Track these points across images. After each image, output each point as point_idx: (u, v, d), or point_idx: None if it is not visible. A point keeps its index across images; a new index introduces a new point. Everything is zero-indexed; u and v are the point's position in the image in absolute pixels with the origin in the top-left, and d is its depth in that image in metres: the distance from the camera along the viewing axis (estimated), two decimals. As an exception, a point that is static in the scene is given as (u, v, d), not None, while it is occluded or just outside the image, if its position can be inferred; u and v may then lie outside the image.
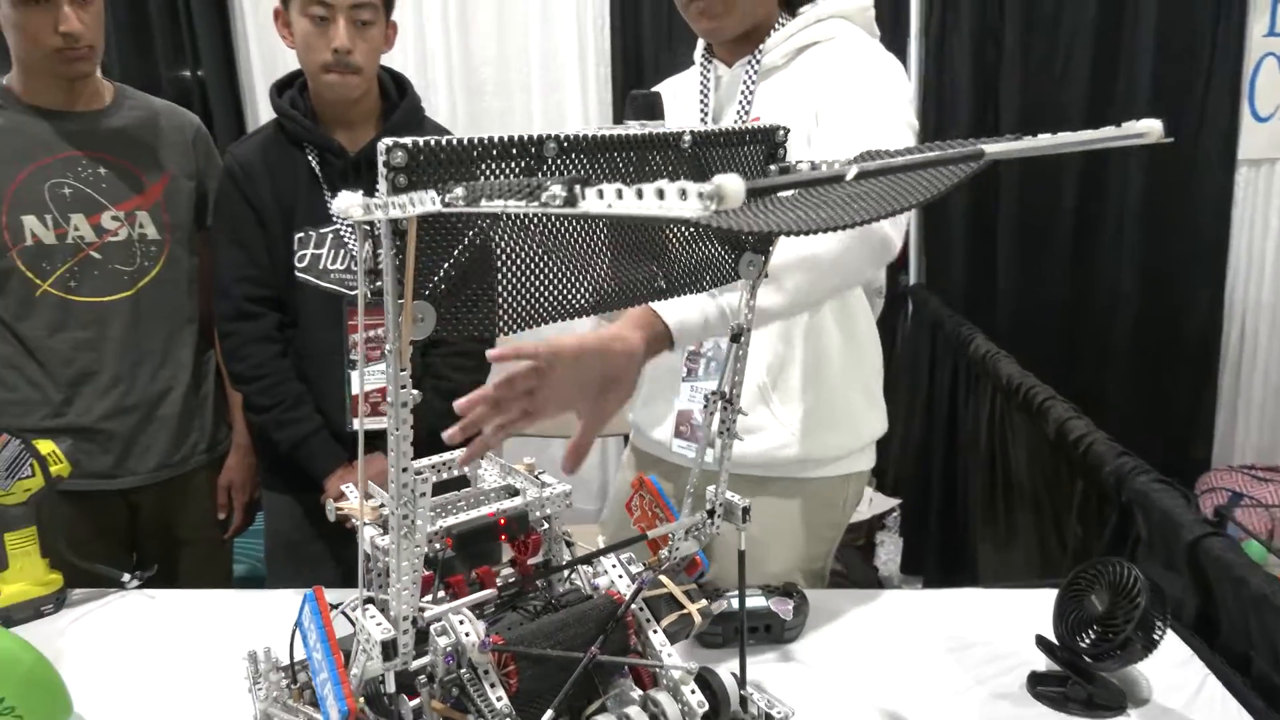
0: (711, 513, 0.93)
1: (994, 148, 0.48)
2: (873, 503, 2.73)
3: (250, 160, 1.54)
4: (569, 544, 1.05)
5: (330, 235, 1.53)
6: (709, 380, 1.34)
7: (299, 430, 1.56)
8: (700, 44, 1.39)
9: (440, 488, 1.06)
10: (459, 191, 0.47)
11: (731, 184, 0.35)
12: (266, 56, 2.79)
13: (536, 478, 1.06)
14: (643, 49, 2.86)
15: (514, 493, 1.04)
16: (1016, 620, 1.20)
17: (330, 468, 1.54)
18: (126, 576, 1.37)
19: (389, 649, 0.71)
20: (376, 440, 1.06)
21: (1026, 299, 2.82)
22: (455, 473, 1.10)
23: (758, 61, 1.29)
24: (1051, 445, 1.67)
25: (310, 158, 1.54)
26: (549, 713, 0.78)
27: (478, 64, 2.88)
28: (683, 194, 0.35)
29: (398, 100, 1.61)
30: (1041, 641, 1.08)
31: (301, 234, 1.54)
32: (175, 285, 1.62)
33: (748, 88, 1.30)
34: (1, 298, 1.51)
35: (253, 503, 1.78)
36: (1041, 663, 1.09)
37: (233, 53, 2.84)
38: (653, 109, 1.39)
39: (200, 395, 1.68)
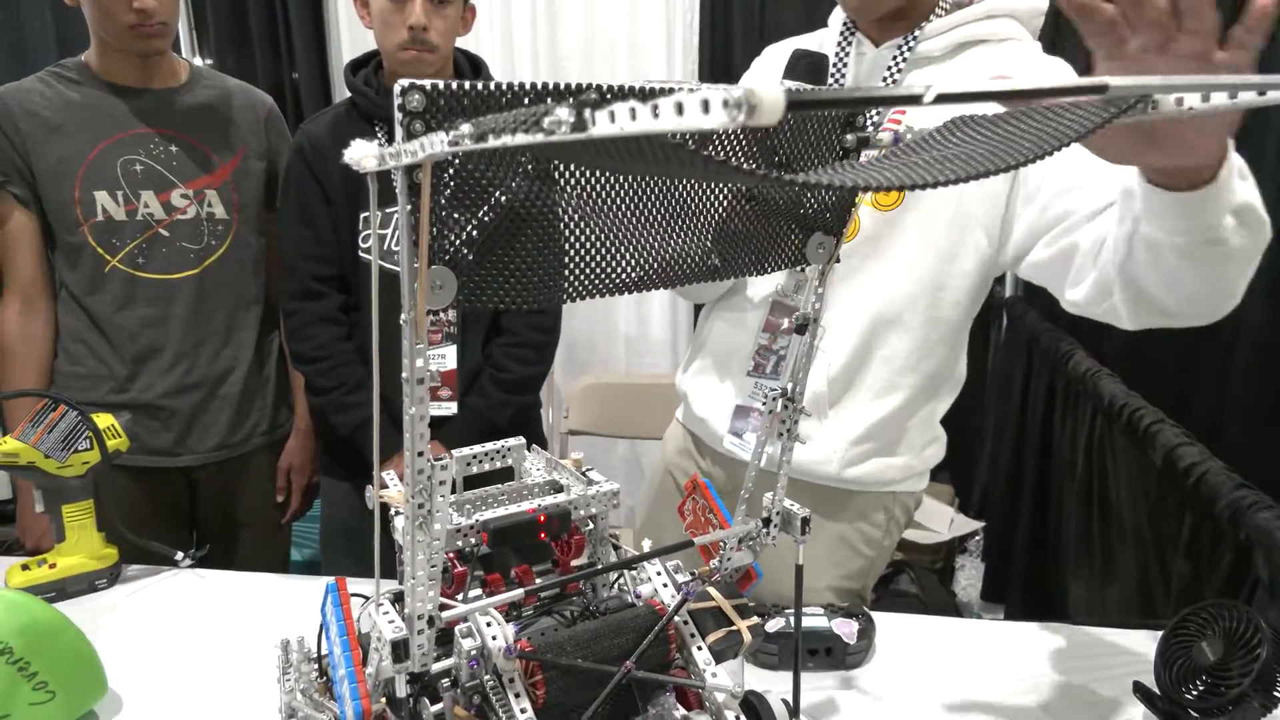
0: (768, 521, 0.85)
1: (1120, 81, 0.38)
2: (954, 524, 2.58)
3: (320, 137, 1.53)
4: (615, 547, 0.98)
5: (397, 216, 1.50)
6: (774, 381, 1.26)
7: (359, 415, 1.54)
8: (840, 10, 1.24)
9: (484, 480, 1.01)
10: (465, 129, 0.41)
11: (768, 92, 0.27)
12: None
13: (584, 474, 0.99)
14: (732, 46, 2.79)
15: (559, 489, 0.98)
16: (1112, 663, 1.08)
17: (388, 454, 1.51)
18: (180, 555, 1.36)
19: (399, 650, 0.65)
20: (435, 427, 1.02)
21: (1139, 332, 2.60)
22: (499, 464, 1.05)
23: (911, 47, 1.16)
24: (1158, 474, 1.52)
25: (380, 136, 1.51)
26: (574, 730, 0.70)
27: (562, 57, 2.85)
28: (705, 106, 0.28)
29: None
30: (1140, 689, 0.96)
31: (368, 214, 1.52)
32: (241, 265, 1.62)
33: (894, 73, 1.17)
34: (73, 272, 1.54)
35: (311, 487, 1.77)
36: (1139, 714, 0.97)
37: (326, 55, 2.92)
38: (818, 72, 1.29)
39: (262, 376, 1.68)
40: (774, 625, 1.10)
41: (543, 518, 0.91)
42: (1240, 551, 1.22)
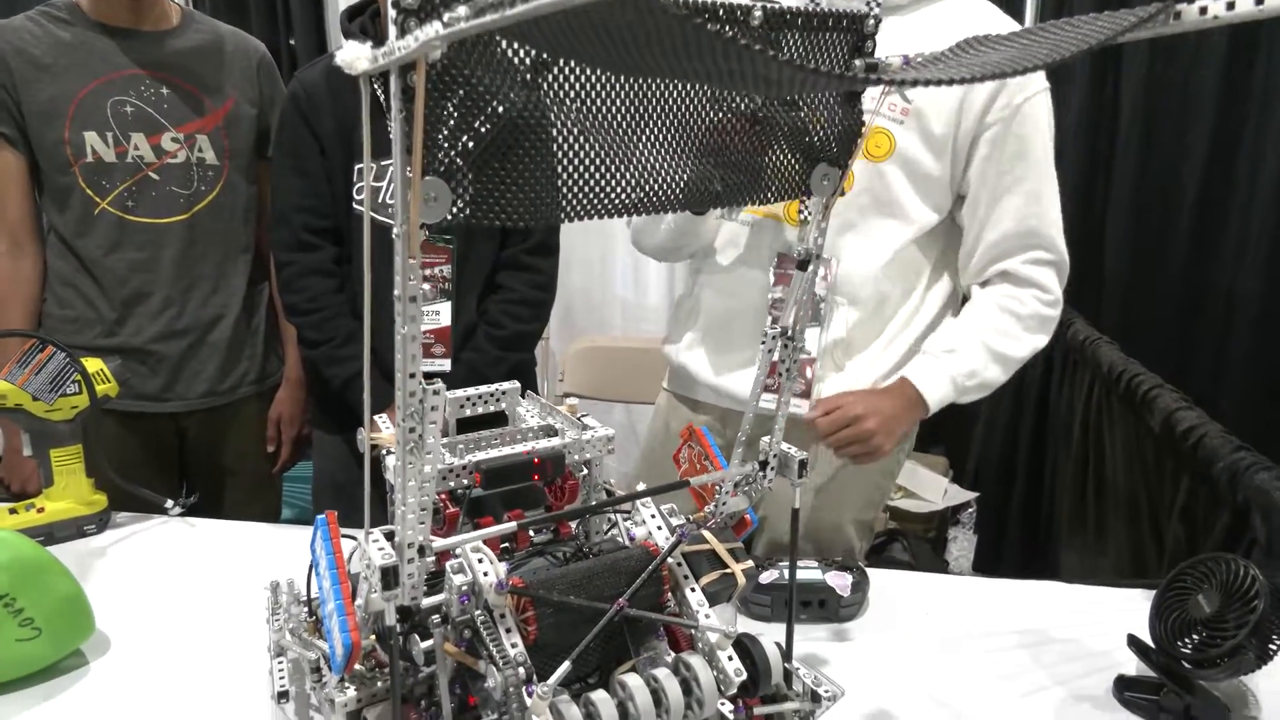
0: (764, 464, 0.84)
1: None
2: (948, 494, 2.58)
3: (315, 86, 1.50)
4: (610, 494, 0.97)
5: (392, 167, 1.48)
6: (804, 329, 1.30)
7: (350, 368, 1.52)
8: None
9: (477, 425, 1.00)
10: (462, 10, 0.39)
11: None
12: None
13: (579, 420, 0.98)
14: None
15: (553, 434, 0.97)
16: (1105, 619, 1.08)
17: (379, 407, 1.50)
18: (169, 503, 1.35)
19: (389, 576, 0.64)
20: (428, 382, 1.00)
21: (1137, 290, 2.59)
22: (492, 408, 1.04)
23: None
24: (1156, 439, 1.52)
25: (376, 85, 1.48)
26: (565, 664, 0.69)
27: None
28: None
29: None
30: (1134, 642, 0.96)
31: (362, 165, 1.49)
32: (231, 212, 1.60)
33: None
34: (62, 214, 1.51)
35: (301, 438, 1.76)
36: (1132, 666, 0.97)
37: (324, 23, 2.88)
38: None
39: (251, 325, 1.67)
40: (767, 577, 1.09)
41: (537, 460, 0.90)
42: (1237, 514, 1.22)
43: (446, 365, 1.56)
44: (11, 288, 1.53)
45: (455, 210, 0.55)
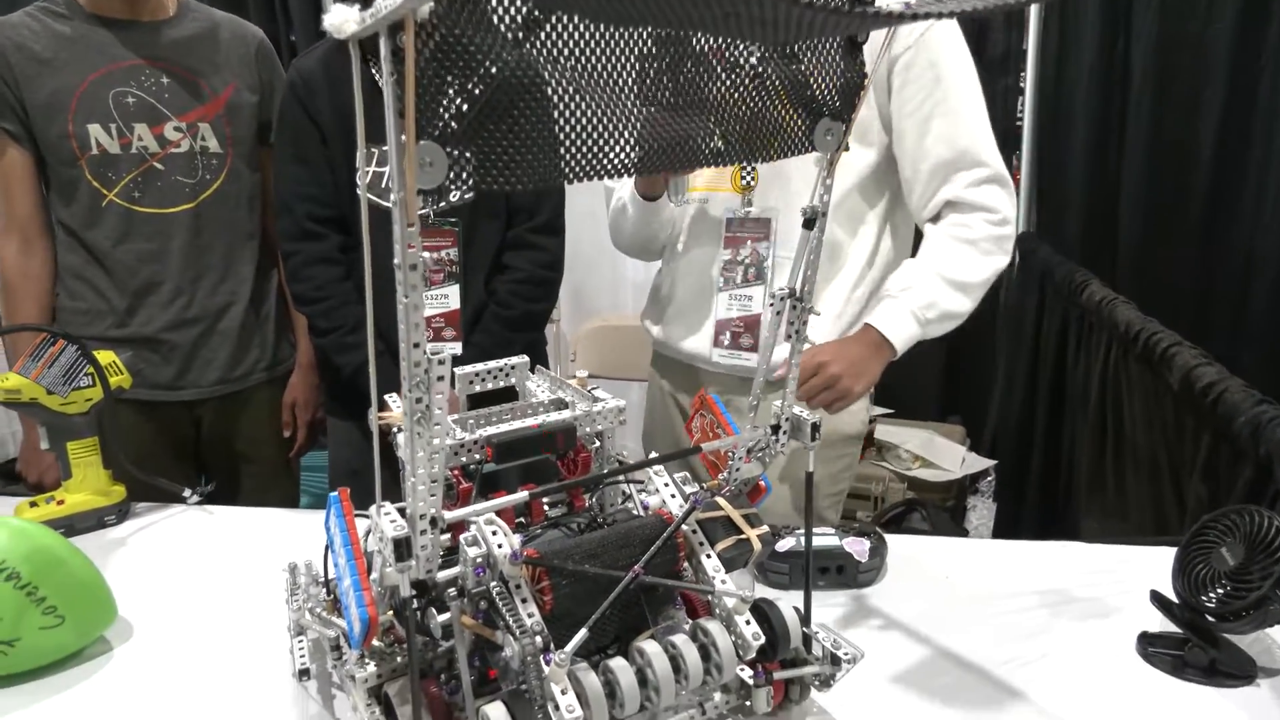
0: (776, 429, 0.83)
1: None
2: (965, 462, 2.57)
3: (312, 73, 1.49)
4: (622, 463, 0.97)
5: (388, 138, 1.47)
6: (748, 288, 1.36)
7: (361, 355, 1.52)
8: None
9: (488, 401, 0.99)
10: (446, -40, 0.38)
11: None
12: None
13: (589, 392, 0.98)
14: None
15: (564, 407, 0.96)
16: (1127, 577, 1.07)
17: (389, 390, 1.50)
18: (187, 492, 1.36)
19: (401, 548, 0.64)
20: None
21: (1153, 250, 2.55)
22: (502, 383, 1.03)
23: None
24: (1175, 397, 1.50)
25: (374, 70, 1.48)
26: (582, 631, 0.69)
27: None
28: None
29: None
30: (1157, 598, 0.95)
31: (366, 151, 1.48)
32: (236, 200, 1.60)
33: None
34: (69, 207, 1.52)
35: (316, 423, 1.76)
36: (1155, 623, 0.96)
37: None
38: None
39: (261, 313, 1.67)
40: (784, 545, 1.09)
41: (547, 432, 0.90)
42: (1260, 468, 1.20)
43: (458, 348, 1.56)
44: (23, 283, 1.54)
45: (452, 175, 0.55)
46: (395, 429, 0.92)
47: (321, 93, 1.48)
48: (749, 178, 1.35)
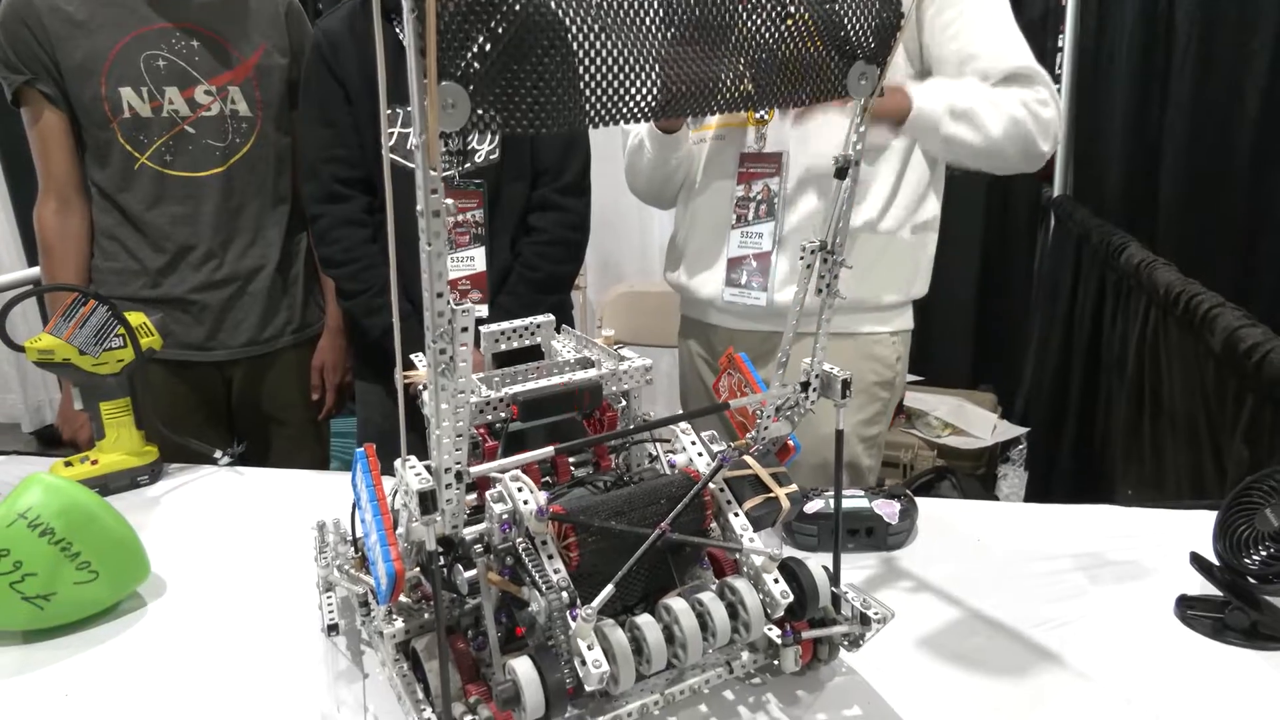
0: (806, 385, 0.81)
1: None
2: (996, 430, 2.54)
3: (337, 34, 1.48)
4: (649, 422, 0.96)
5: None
6: (760, 224, 1.35)
7: (388, 317, 1.51)
8: None
9: (514, 359, 0.99)
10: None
11: None
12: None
13: (616, 351, 0.97)
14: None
15: (590, 366, 0.95)
16: (1165, 540, 1.04)
17: (414, 348, 1.50)
18: (218, 453, 1.37)
19: (427, 501, 0.63)
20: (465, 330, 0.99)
21: (1195, 211, 2.47)
22: (527, 342, 1.03)
23: None
24: (1217, 359, 1.46)
25: (399, 30, 1.46)
26: (609, 586, 0.69)
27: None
28: None
29: None
30: (1197, 560, 0.93)
31: (389, 111, 1.47)
32: (266, 163, 1.61)
33: None
34: (103, 170, 1.53)
35: (344, 387, 1.78)
36: (1194, 586, 0.94)
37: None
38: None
39: (290, 275, 1.68)
40: (812, 506, 1.07)
41: (574, 391, 0.89)
42: (1305, 430, 1.17)
43: (484, 311, 1.55)
44: (62, 243, 1.56)
45: (475, 118, 0.53)
46: (421, 387, 0.91)
47: (347, 52, 1.47)
48: (763, 111, 1.34)
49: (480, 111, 0.53)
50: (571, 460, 0.91)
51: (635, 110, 0.57)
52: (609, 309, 2.42)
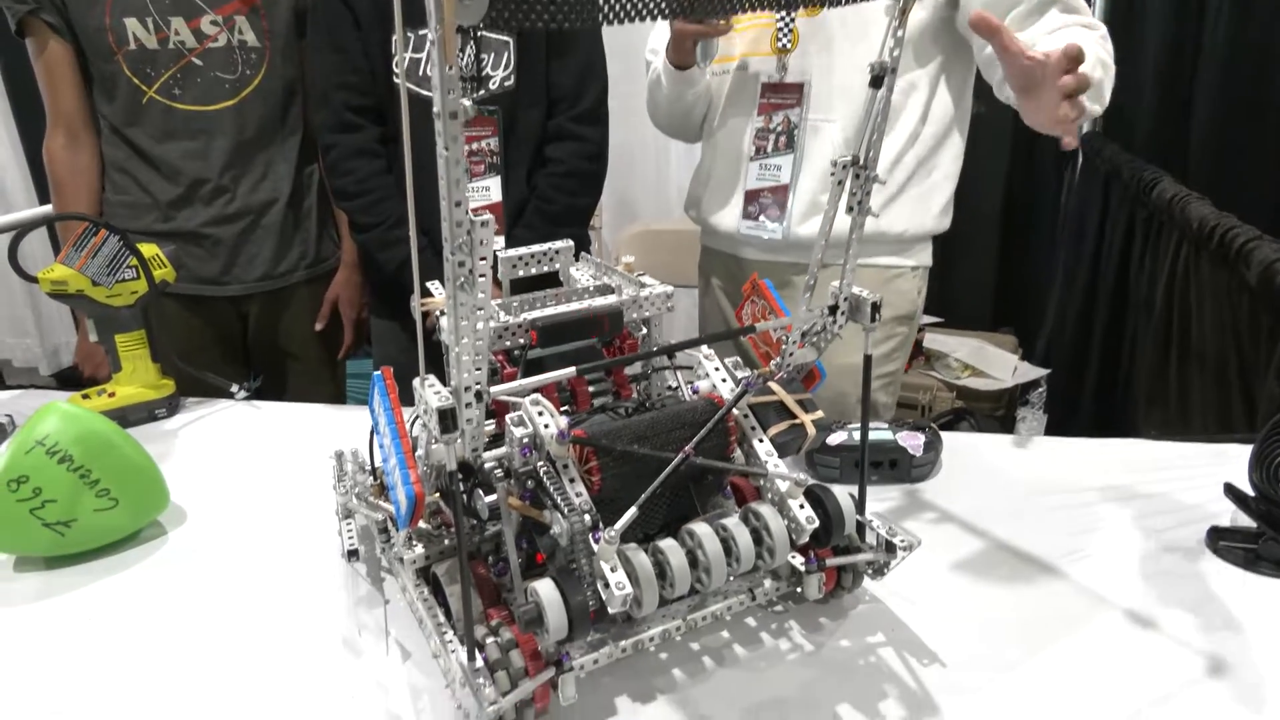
0: (834, 309, 0.79)
1: None
2: (1017, 371, 2.51)
3: (346, -46, 1.43)
4: (671, 355, 0.94)
5: (428, 35, 1.42)
6: (779, 156, 1.33)
7: (403, 251, 1.49)
8: None
9: (531, 287, 0.97)
10: None
11: None
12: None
13: (636, 278, 0.94)
14: None
15: (610, 292, 0.93)
16: (1195, 473, 1.02)
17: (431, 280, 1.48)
18: (235, 387, 1.37)
19: (447, 418, 0.62)
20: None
21: (1230, 147, 2.39)
22: (546, 268, 1.00)
23: None
24: (1252, 293, 1.42)
25: None
26: (632, 509, 0.67)
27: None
28: None
29: None
30: (1231, 490, 0.91)
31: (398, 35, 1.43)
32: (277, 96, 1.58)
33: None
34: (111, 104, 1.51)
35: (362, 322, 1.76)
36: (1226, 516, 0.92)
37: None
38: None
39: (303, 209, 1.66)
40: (835, 438, 1.06)
41: (594, 316, 0.87)
42: (1342, 365, 1.14)
43: (500, 243, 1.53)
44: (72, 177, 1.54)
45: (493, 14, 0.50)
46: (438, 314, 0.90)
47: (355, -26, 1.42)
48: (786, 40, 1.30)
49: (497, 6, 0.50)
50: (591, 389, 0.90)
51: (655, 7, 0.54)
52: (625, 248, 2.39)
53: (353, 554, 0.89)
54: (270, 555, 0.96)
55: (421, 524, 0.85)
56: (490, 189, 1.52)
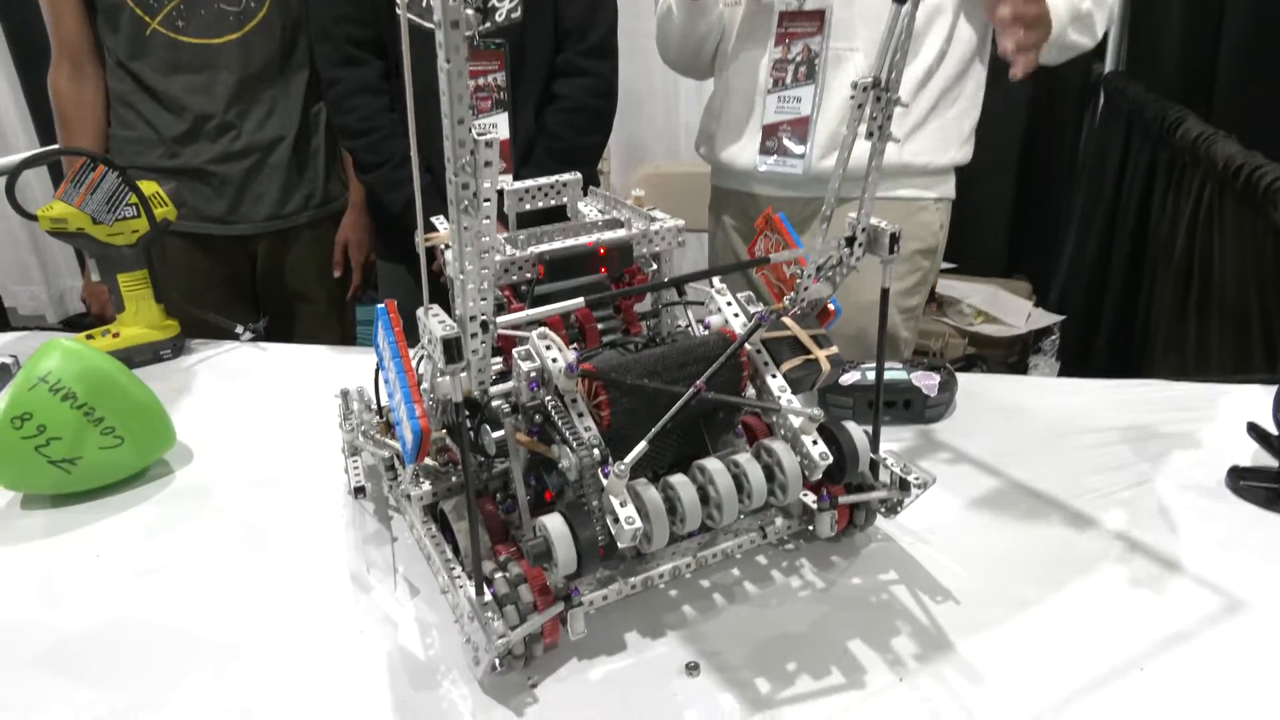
0: (851, 240, 0.76)
1: None
2: (1031, 317, 2.47)
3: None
4: (680, 291, 0.92)
5: None
6: (799, 88, 1.27)
7: (409, 190, 1.47)
8: None
9: (537, 221, 0.94)
10: None
11: None
12: None
13: (646, 212, 0.92)
14: None
15: (619, 226, 0.91)
16: (1214, 414, 1.01)
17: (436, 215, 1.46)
18: (240, 328, 1.36)
19: (452, 349, 0.60)
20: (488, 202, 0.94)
21: (1259, 82, 2.31)
22: (554, 201, 0.98)
23: None
24: (1277, 235, 1.38)
25: None
26: (641, 443, 0.66)
27: None
28: None
29: None
30: (1255, 429, 0.89)
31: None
32: (283, 29, 1.54)
33: None
34: (114, 35, 1.48)
35: (370, 264, 1.74)
36: (1247, 456, 0.90)
37: None
38: None
39: (310, 147, 1.63)
40: (848, 378, 1.04)
41: (602, 250, 0.84)
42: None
43: (509, 182, 1.50)
44: (78, 111, 1.52)
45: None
46: (444, 247, 0.88)
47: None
48: None
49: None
50: (600, 327, 0.88)
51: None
52: (631, 190, 2.35)
53: (359, 491, 0.89)
54: (278, 494, 0.95)
55: (428, 460, 0.84)
56: (498, 126, 1.48)
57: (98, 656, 0.73)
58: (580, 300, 0.70)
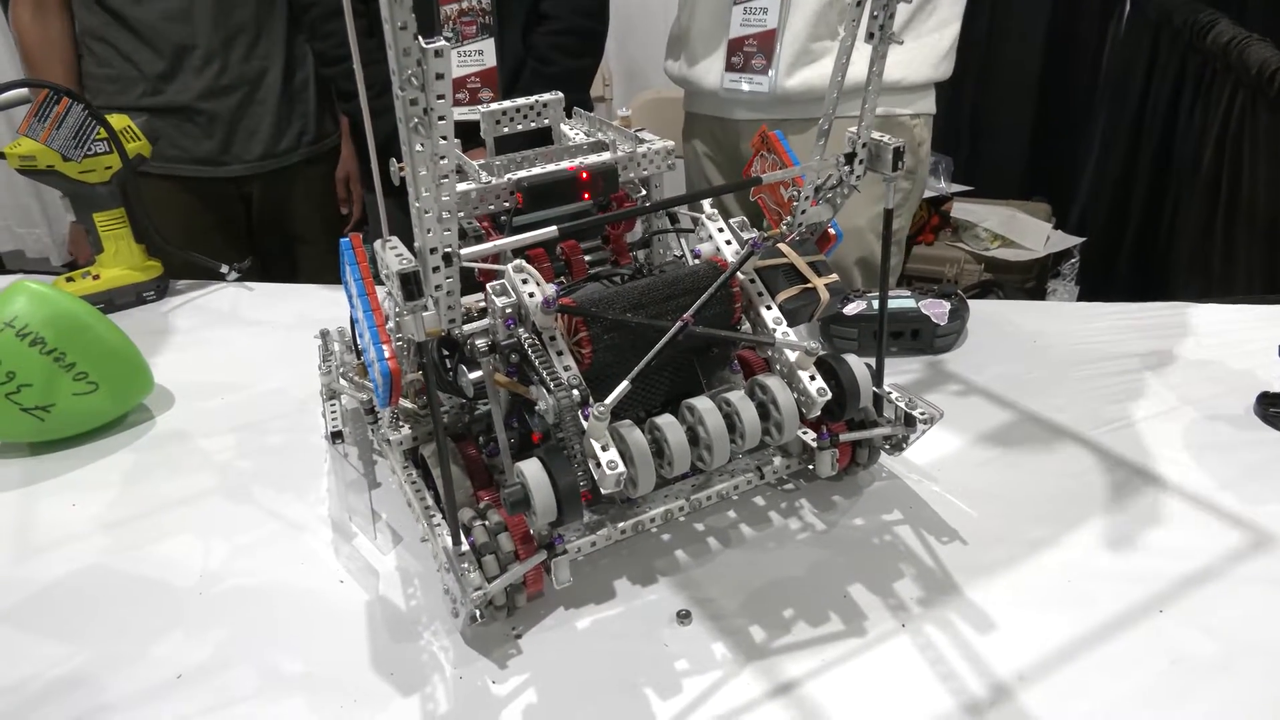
0: (851, 157, 0.70)
1: None
2: (1050, 240, 2.39)
3: None
4: (673, 219, 0.86)
5: None
6: None
7: (391, 120, 1.40)
8: None
9: (519, 145, 0.88)
10: None
11: None
12: None
13: (634, 133, 0.85)
14: None
15: (604, 149, 0.85)
16: (1242, 338, 0.95)
17: None
18: (224, 268, 1.31)
19: (410, 284, 0.55)
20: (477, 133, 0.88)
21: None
22: (534, 124, 0.92)
23: None
24: (1312, 144, 1.30)
25: None
26: (624, 383, 0.61)
27: None
28: None
29: None
30: (1288, 354, 0.83)
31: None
32: None
33: None
34: None
35: (370, 198, 1.70)
36: (1278, 382, 0.84)
37: None
38: None
39: (299, 79, 1.55)
40: (852, 309, 0.99)
41: (585, 175, 0.79)
42: None
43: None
44: (44, 49, 1.45)
45: None
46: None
47: None
48: None
49: None
50: (588, 258, 0.82)
51: None
52: (636, 117, 2.26)
53: (336, 436, 0.85)
54: (259, 439, 0.92)
55: (406, 403, 0.80)
56: (484, 52, 1.41)
57: (73, 608, 0.70)
58: (554, 229, 0.64)
